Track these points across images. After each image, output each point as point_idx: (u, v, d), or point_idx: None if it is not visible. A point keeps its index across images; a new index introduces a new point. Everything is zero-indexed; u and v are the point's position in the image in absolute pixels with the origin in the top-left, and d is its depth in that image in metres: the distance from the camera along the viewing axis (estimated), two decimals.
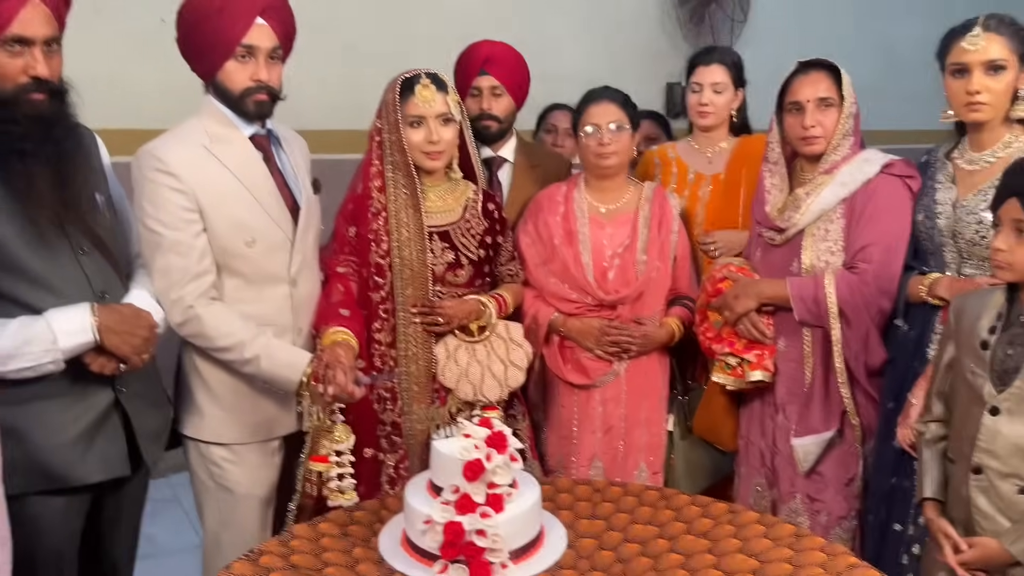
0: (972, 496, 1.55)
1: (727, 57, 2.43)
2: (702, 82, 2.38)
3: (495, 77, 2.41)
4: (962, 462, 1.59)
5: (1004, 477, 1.52)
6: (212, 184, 1.80)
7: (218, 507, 1.93)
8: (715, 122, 2.41)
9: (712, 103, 2.38)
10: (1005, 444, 1.51)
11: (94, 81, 3.18)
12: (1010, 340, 1.53)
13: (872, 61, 5.01)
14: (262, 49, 1.81)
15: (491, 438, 1.53)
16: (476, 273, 2.09)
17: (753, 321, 2.07)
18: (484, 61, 2.42)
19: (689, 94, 2.43)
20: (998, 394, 1.52)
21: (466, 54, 2.46)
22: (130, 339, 1.64)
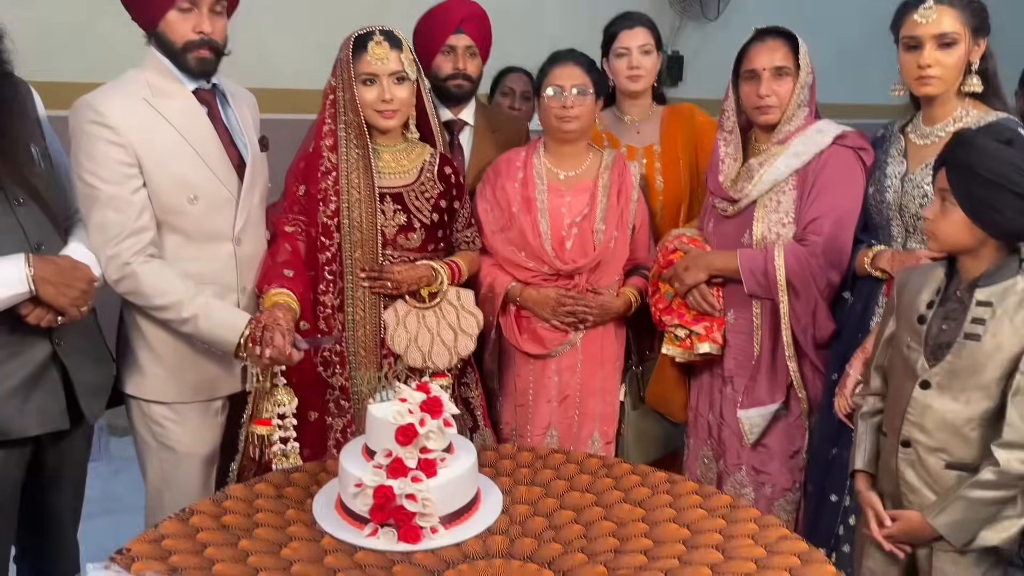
0: (900, 469, 1.57)
1: (646, 19, 2.40)
2: (629, 46, 2.33)
3: (470, 37, 2.37)
4: (893, 435, 1.60)
5: (932, 451, 1.53)
6: (153, 138, 1.75)
7: (160, 466, 1.92)
8: (645, 85, 2.38)
9: (642, 65, 2.33)
10: (934, 418, 1.52)
11: (62, 31, 3.17)
12: (945, 315, 1.54)
13: (859, 32, 4.94)
14: (205, 1, 1.76)
15: (426, 403, 1.52)
16: (429, 237, 2.06)
17: (703, 293, 2.05)
18: (461, 20, 2.37)
19: (615, 61, 2.37)
20: (930, 368, 1.52)
21: (440, 11, 2.40)
22: (67, 291, 1.61)
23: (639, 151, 2.39)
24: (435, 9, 2.41)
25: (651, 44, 2.35)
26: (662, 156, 2.37)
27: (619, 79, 2.38)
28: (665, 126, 2.40)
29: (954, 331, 1.50)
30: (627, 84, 2.37)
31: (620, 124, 2.44)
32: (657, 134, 2.40)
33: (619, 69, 2.36)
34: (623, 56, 2.34)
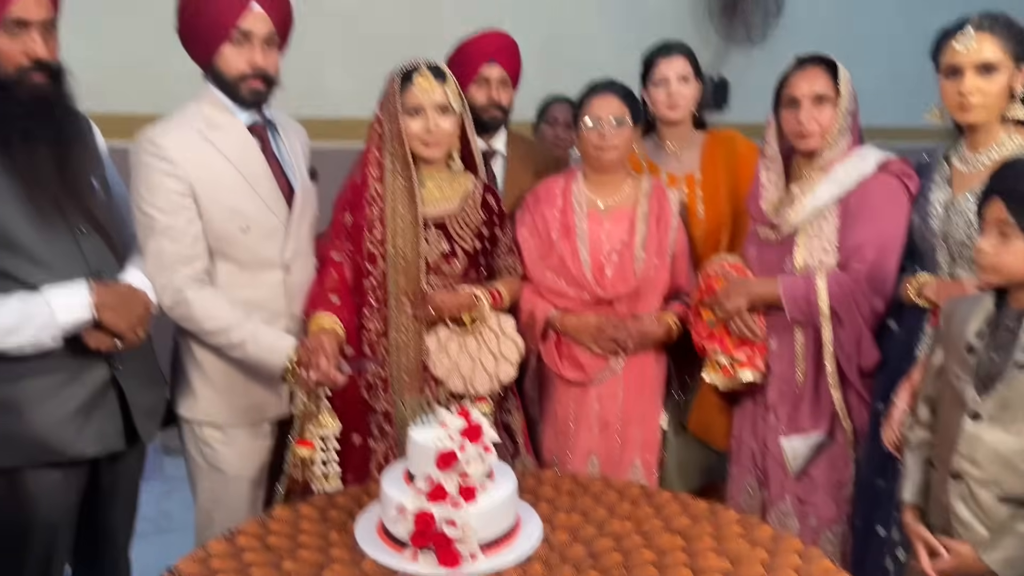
0: (951, 503, 1.53)
1: (685, 48, 2.40)
2: (667, 75, 2.34)
3: (503, 67, 2.42)
4: (943, 468, 1.56)
5: (983, 484, 1.49)
6: (207, 171, 1.83)
7: (210, 486, 1.98)
8: (684, 114, 2.37)
9: (680, 94, 2.34)
10: (986, 451, 1.48)
11: (128, 68, 3.31)
12: (996, 345, 1.50)
13: (917, 55, 4.88)
14: (257, 34, 1.84)
15: (466, 429, 1.54)
16: (471, 264, 2.09)
17: (744, 320, 2.04)
18: (495, 51, 2.42)
19: (653, 90, 2.37)
20: (981, 400, 1.48)
21: (473, 43, 2.46)
22: (126, 316, 1.68)
23: (680, 179, 2.39)
24: (468, 41, 2.47)
25: (689, 73, 2.36)
26: (703, 184, 2.37)
27: (658, 108, 2.39)
28: (706, 153, 2.40)
29: (1004, 361, 1.47)
30: (665, 113, 2.38)
31: (660, 152, 2.44)
32: (698, 162, 2.40)
33: (657, 98, 2.37)
34: (661, 85, 2.35)
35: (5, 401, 1.61)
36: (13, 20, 1.53)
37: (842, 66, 1.99)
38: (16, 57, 1.55)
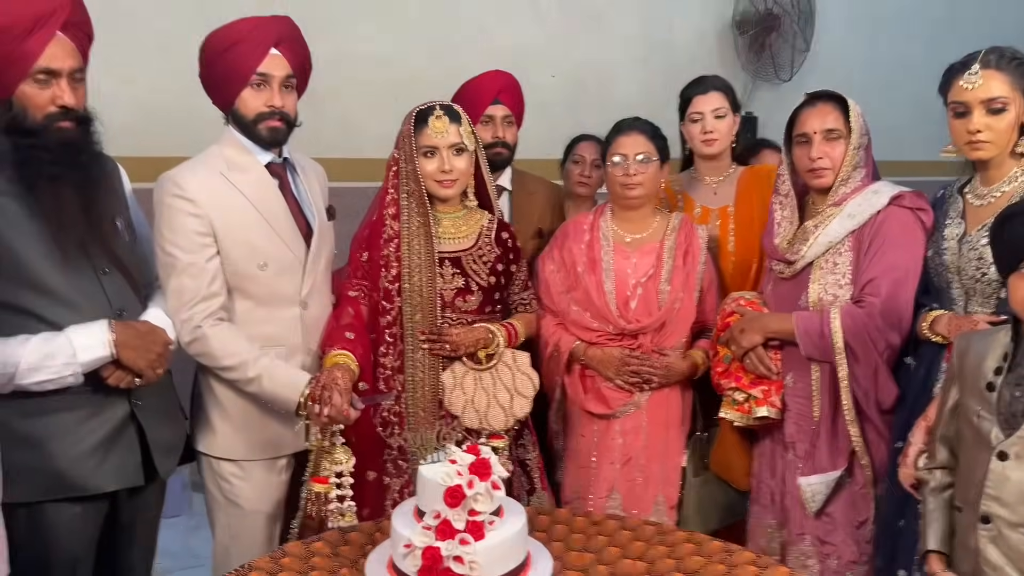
0: (981, 547, 1.48)
1: (720, 83, 2.42)
2: (702, 111, 2.37)
3: (507, 106, 2.49)
4: (969, 510, 1.52)
5: (1014, 527, 1.45)
6: (227, 210, 1.88)
7: (228, 521, 2.00)
8: (720, 148, 2.40)
9: (716, 129, 2.36)
10: (1014, 491, 1.44)
11: (160, 111, 3.43)
12: (1017, 381, 1.47)
13: (936, 87, 4.85)
14: (276, 77, 1.90)
15: (475, 465, 1.53)
16: (486, 300, 2.11)
17: (759, 356, 2.03)
18: (499, 91, 2.49)
19: (690, 125, 2.41)
20: (1006, 438, 1.45)
21: (477, 83, 2.52)
22: (145, 354, 1.72)
23: (713, 212, 2.40)
24: (472, 81, 2.53)
25: (725, 108, 2.38)
26: (736, 217, 2.37)
27: (694, 143, 2.41)
28: (742, 187, 2.41)
29: None
30: (701, 148, 2.40)
31: (697, 185, 2.46)
32: (733, 196, 2.41)
33: (694, 133, 2.40)
34: (697, 121, 2.38)
35: (28, 436, 1.65)
36: (42, 70, 1.60)
37: (852, 102, 2.00)
38: (45, 105, 1.62)
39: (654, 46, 4.59)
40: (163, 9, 3.42)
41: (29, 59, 1.57)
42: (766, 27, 4.67)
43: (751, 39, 4.69)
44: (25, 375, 1.60)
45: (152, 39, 3.33)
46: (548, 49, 4.30)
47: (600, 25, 4.43)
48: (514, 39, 4.20)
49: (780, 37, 4.75)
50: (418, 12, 3.99)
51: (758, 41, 4.71)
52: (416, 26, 3.99)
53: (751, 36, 4.68)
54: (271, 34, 1.91)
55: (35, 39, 1.57)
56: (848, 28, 5.11)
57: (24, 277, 1.62)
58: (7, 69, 1.57)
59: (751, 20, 4.66)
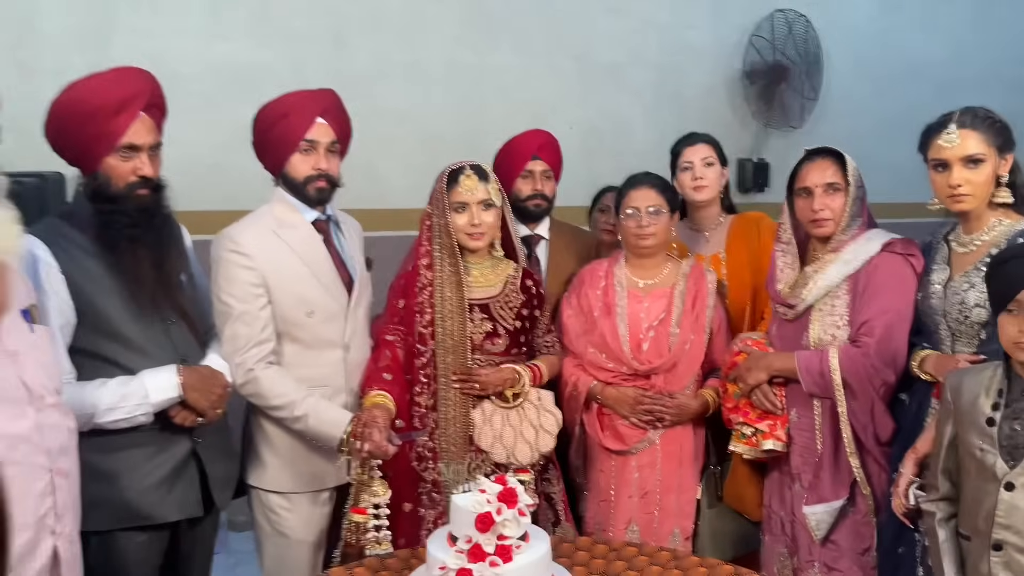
0: (994, 573, 1.58)
1: (707, 137, 2.60)
2: (692, 160, 2.55)
3: (546, 162, 2.65)
4: (979, 539, 1.62)
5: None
6: (278, 263, 2.08)
7: (275, 551, 2.16)
8: (710, 195, 2.56)
9: (705, 176, 2.53)
10: (1023, 518, 1.54)
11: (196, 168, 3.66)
12: (1015, 415, 1.59)
13: None
14: (322, 143, 2.11)
15: (502, 494, 1.69)
16: (512, 343, 2.28)
17: (764, 392, 2.16)
18: (538, 148, 2.66)
19: (680, 175, 2.58)
20: (1011, 469, 1.56)
21: (518, 141, 2.70)
22: (208, 396, 1.91)
23: (707, 259, 2.56)
24: (514, 140, 2.71)
25: (713, 157, 2.56)
26: (728, 262, 2.53)
27: (685, 191, 2.58)
28: (732, 235, 2.57)
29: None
30: (692, 195, 2.57)
31: (691, 234, 2.63)
32: (724, 242, 2.57)
33: (684, 182, 2.57)
34: (687, 170, 2.56)
35: (102, 471, 1.83)
36: (126, 145, 1.82)
37: (848, 157, 2.15)
38: (127, 175, 1.84)
39: (667, 97, 4.77)
40: (202, 74, 3.68)
41: (116, 136, 1.79)
42: (775, 77, 4.85)
43: (761, 89, 4.87)
44: (103, 414, 1.79)
45: (191, 102, 3.57)
46: (565, 102, 4.49)
47: (615, 78, 4.62)
48: (533, 94, 4.40)
49: (789, 86, 4.92)
50: (441, 70, 4.19)
51: (768, 91, 4.89)
52: (439, 83, 4.18)
53: (761, 86, 4.86)
54: (317, 105, 2.12)
55: (121, 119, 1.79)
56: (855, 76, 5.26)
57: (103, 328, 1.82)
58: (96, 144, 1.79)
59: (760, 71, 4.84)
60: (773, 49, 4.83)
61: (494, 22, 4.30)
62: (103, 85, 1.80)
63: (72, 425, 1.62)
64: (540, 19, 4.41)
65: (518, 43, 4.37)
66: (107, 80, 1.82)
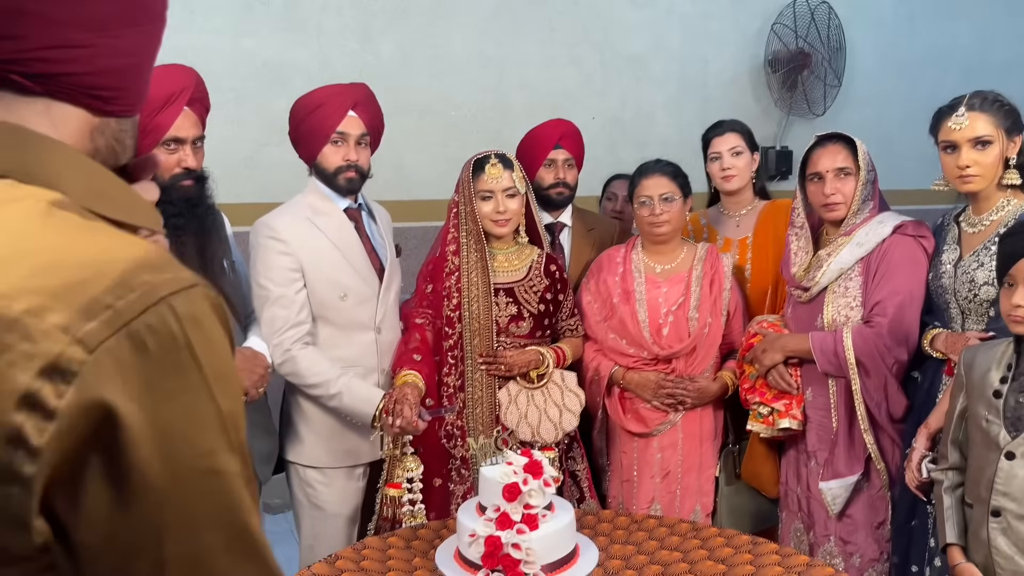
0: (992, 538, 1.65)
1: (737, 125, 2.63)
2: (720, 150, 2.58)
3: (568, 151, 2.71)
4: (980, 506, 1.69)
5: (1022, 519, 1.61)
6: (313, 249, 2.18)
7: (312, 523, 2.27)
8: (739, 184, 2.60)
9: (734, 166, 2.56)
10: (1021, 486, 1.61)
11: (237, 160, 3.78)
12: (1021, 388, 1.65)
13: None
14: (352, 135, 2.20)
15: (528, 465, 1.78)
16: (536, 326, 2.36)
17: (780, 373, 2.23)
18: (560, 137, 2.71)
19: (710, 164, 2.62)
20: (1012, 439, 1.62)
21: (540, 131, 2.76)
22: (250, 375, 2.01)
23: (734, 242, 2.61)
24: (537, 129, 2.77)
25: (742, 146, 2.59)
26: (754, 246, 2.58)
27: (715, 179, 2.63)
28: (761, 219, 2.61)
29: None
30: (722, 184, 2.62)
31: (722, 218, 2.68)
32: (753, 227, 2.62)
33: (714, 171, 2.62)
34: (716, 159, 2.60)
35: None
36: (171, 138, 1.93)
37: (859, 141, 2.20)
38: (172, 167, 1.94)
39: (690, 86, 4.81)
40: (233, 70, 3.79)
41: (162, 129, 1.89)
42: (798, 65, 4.87)
43: (783, 76, 4.89)
44: None
45: (223, 97, 3.68)
46: (588, 93, 4.55)
47: (637, 68, 4.67)
48: (556, 85, 4.46)
49: (812, 74, 4.93)
50: (465, 62, 4.27)
51: (790, 78, 4.90)
52: (463, 75, 4.26)
53: (783, 74, 4.88)
54: (349, 98, 2.21)
55: (167, 113, 1.90)
56: (879, 63, 5.26)
57: None
58: (143, 138, 1.89)
59: (783, 59, 4.86)
60: (795, 37, 4.85)
61: (518, 14, 4.37)
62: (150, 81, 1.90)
63: None
64: (563, 11, 4.46)
65: (541, 35, 4.43)
66: (154, 76, 1.91)
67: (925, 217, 2.21)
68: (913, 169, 4.87)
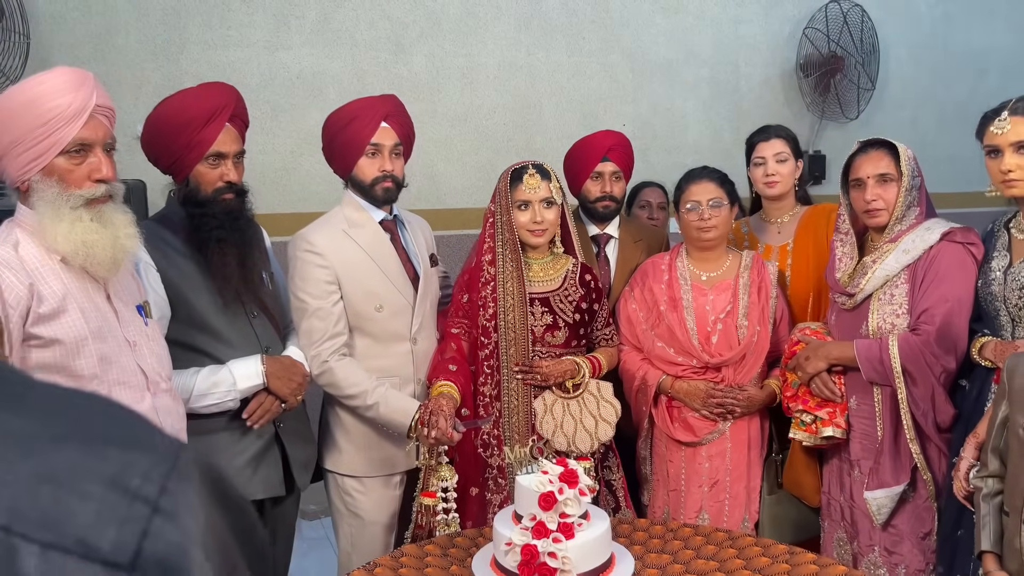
0: None
1: (782, 131, 2.59)
2: (764, 156, 2.54)
3: (616, 163, 2.69)
4: (1015, 515, 1.66)
5: None
6: (349, 261, 2.21)
7: (349, 531, 2.29)
8: (782, 190, 2.56)
9: (777, 172, 2.53)
10: None
11: (271, 172, 3.85)
12: None
13: None
14: (386, 146, 2.22)
15: (564, 475, 1.79)
16: (571, 335, 2.36)
17: (823, 381, 2.20)
18: (608, 149, 2.69)
19: (753, 169, 2.59)
20: None
21: (589, 142, 2.74)
22: (288, 383, 2.05)
23: (775, 249, 2.58)
24: (585, 140, 2.75)
25: (786, 152, 2.55)
26: (794, 253, 2.55)
27: (758, 185, 2.60)
28: (802, 225, 2.57)
29: None
30: (764, 189, 2.58)
31: (763, 225, 2.65)
32: (794, 233, 2.58)
33: (757, 176, 2.59)
34: (760, 165, 2.56)
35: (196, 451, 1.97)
36: (214, 154, 1.97)
37: (903, 147, 2.17)
38: (214, 181, 1.98)
39: (721, 92, 4.80)
40: (269, 83, 3.86)
41: (204, 145, 1.94)
42: (830, 69, 4.83)
43: (816, 80, 4.85)
44: (196, 400, 1.95)
45: (259, 110, 3.75)
46: (618, 100, 4.56)
47: (669, 75, 4.66)
48: (586, 92, 4.47)
49: (845, 77, 4.89)
50: (495, 72, 4.30)
51: (823, 82, 4.86)
52: (494, 84, 4.28)
53: (815, 78, 4.84)
54: (381, 110, 2.23)
55: (209, 129, 1.94)
56: (914, 65, 5.19)
57: (195, 321, 1.98)
58: (187, 153, 1.94)
59: (815, 62, 4.83)
60: (828, 40, 4.81)
61: (548, 23, 4.39)
62: (193, 99, 1.95)
63: (182, 410, 1.79)
64: (594, 18, 4.48)
65: (571, 42, 4.44)
66: (197, 94, 1.97)
67: (961, 221, 2.18)
68: (949, 172, 4.81)
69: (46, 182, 1.53)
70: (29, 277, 1.51)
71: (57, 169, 1.54)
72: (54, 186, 1.53)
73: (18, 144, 1.49)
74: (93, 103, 1.55)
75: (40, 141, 1.51)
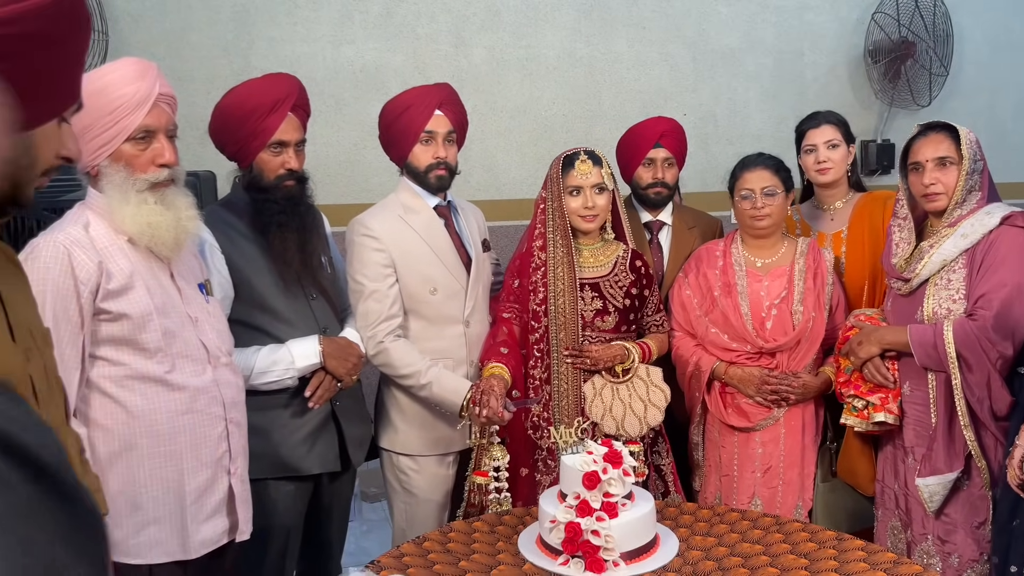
0: None
1: (833, 116, 2.55)
2: (815, 143, 2.51)
3: (668, 150, 2.69)
4: None
5: None
6: (404, 245, 2.28)
7: (404, 508, 2.37)
8: (834, 177, 2.52)
9: (829, 159, 2.49)
10: None
11: (335, 164, 3.97)
12: None
13: None
14: (440, 134, 2.28)
15: (608, 455, 1.82)
16: (621, 320, 2.38)
17: (876, 366, 2.17)
18: (661, 135, 2.69)
19: (804, 157, 2.55)
20: None
21: (641, 128, 2.75)
22: (344, 363, 2.13)
23: (828, 237, 2.55)
24: (637, 126, 2.76)
25: (838, 139, 2.52)
26: (848, 240, 2.51)
27: (809, 173, 2.57)
28: (856, 212, 2.54)
29: None
30: (816, 177, 2.55)
31: (816, 212, 2.62)
32: (848, 220, 2.55)
33: (808, 164, 2.56)
34: (811, 152, 2.53)
35: (257, 427, 2.07)
36: (276, 142, 2.06)
37: (964, 130, 2.12)
38: (276, 168, 2.08)
39: (785, 80, 4.71)
40: (333, 77, 3.97)
41: (268, 133, 2.03)
42: (901, 55, 4.69)
43: (885, 67, 4.71)
44: (256, 377, 2.04)
45: (323, 103, 3.87)
46: (680, 89, 4.52)
47: (731, 64, 4.60)
48: (647, 83, 4.46)
49: (916, 63, 4.74)
50: (555, 63, 4.32)
51: (892, 68, 4.72)
52: (554, 75, 4.32)
53: (885, 64, 4.71)
54: (435, 98, 2.29)
55: (273, 118, 2.03)
56: (989, 49, 4.99)
57: (256, 301, 2.07)
58: (251, 141, 2.04)
59: (884, 48, 4.69)
60: (898, 25, 4.67)
61: (609, 13, 4.39)
62: (258, 89, 2.05)
63: (241, 383, 1.88)
64: (655, 8, 4.45)
65: (632, 32, 4.43)
66: (261, 84, 2.07)
67: None
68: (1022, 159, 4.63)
69: (114, 167, 1.64)
70: (99, 256, 1.62)
71: (124, 155, 1.64)
72: (121, 171, 1.64)
73: (88, 131, 1.60)
74: (156, 92, 1.65)
75: (108, 128, 1.61)
